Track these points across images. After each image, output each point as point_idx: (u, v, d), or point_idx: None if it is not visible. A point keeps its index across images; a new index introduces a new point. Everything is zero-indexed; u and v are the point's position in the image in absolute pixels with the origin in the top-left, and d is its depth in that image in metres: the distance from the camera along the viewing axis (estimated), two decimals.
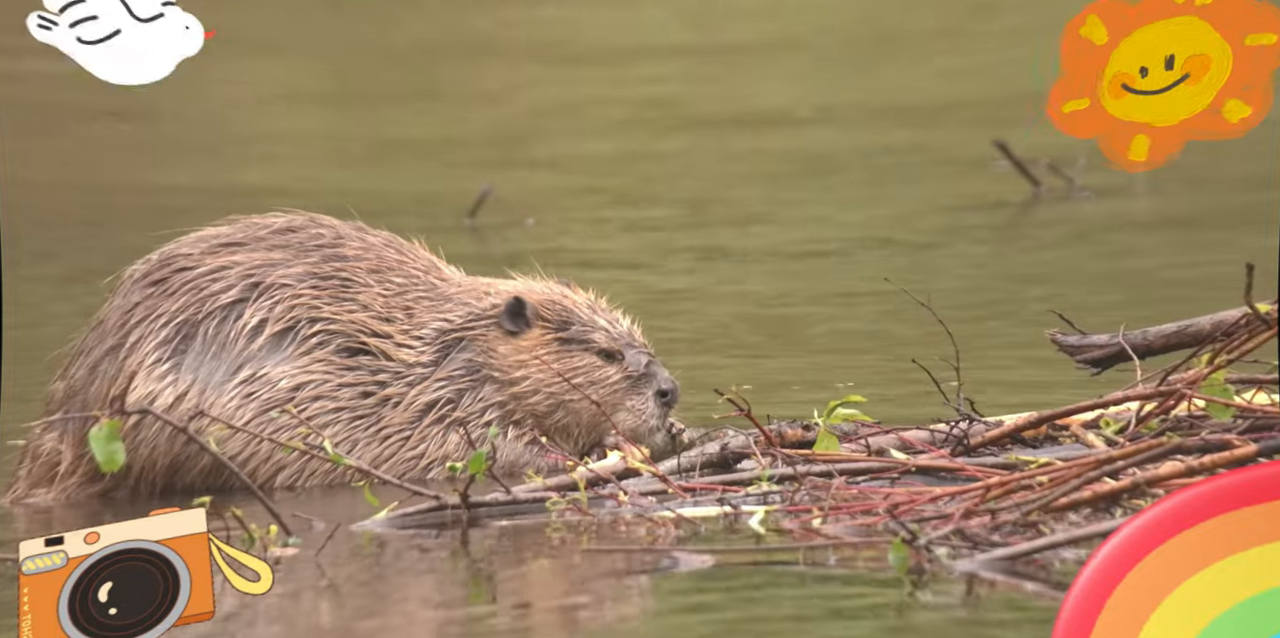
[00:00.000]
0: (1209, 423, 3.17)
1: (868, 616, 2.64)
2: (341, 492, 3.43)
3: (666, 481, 3.18)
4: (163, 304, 3.45)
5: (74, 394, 3.47)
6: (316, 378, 3.43)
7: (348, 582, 2.88)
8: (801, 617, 2.64)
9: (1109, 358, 3.50)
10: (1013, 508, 2.90)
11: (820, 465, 3.15)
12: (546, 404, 3.47)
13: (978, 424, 3.30)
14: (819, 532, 2.97)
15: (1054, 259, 5.58)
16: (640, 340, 3.55)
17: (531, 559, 2.95)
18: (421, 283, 3.54)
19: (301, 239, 3.53)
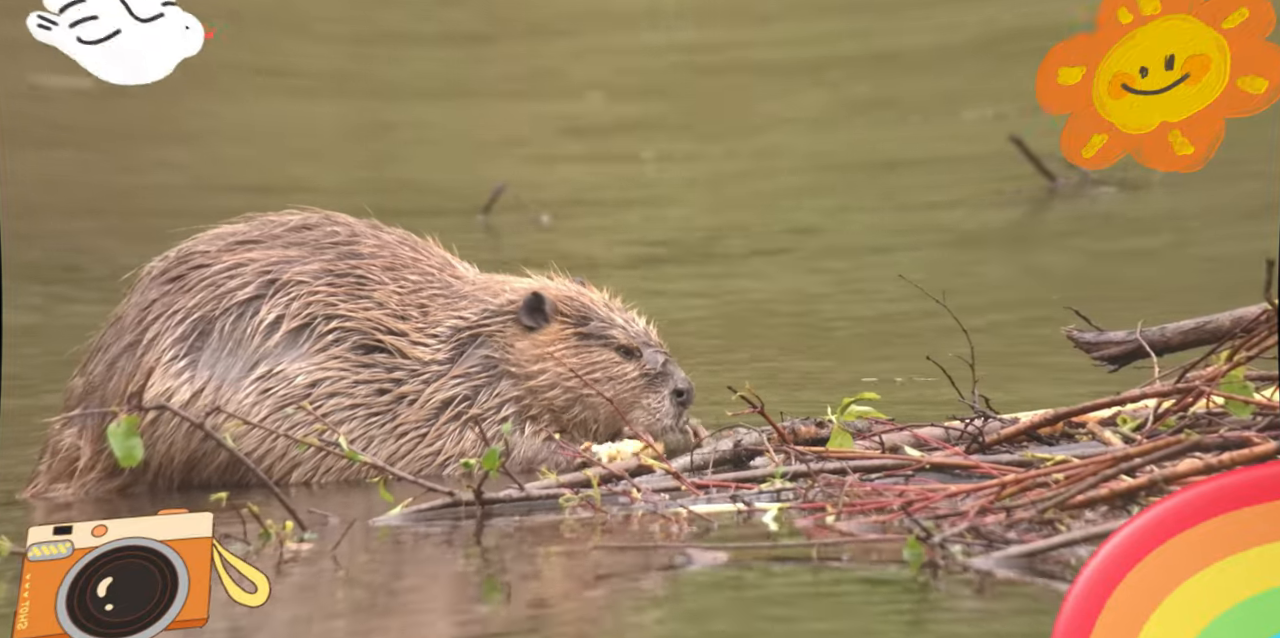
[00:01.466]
0: (1228, 420, 3.15)
1: (881, 613, 2.63)
2: (357, 488, 3.44)
3: (680, 477, 3.18)
4: (180, 301, 3.47)
5: (93, 390, 3.49)
6: (332, 375, 3.44)
7: (362, 577, 2.89)
8: (814, 614, 2.64)
9: (1126, 355, 3.48)
10: (1028, 506, 2.89)
11: (834, 463, 3.15)
12: (564, 399, 3.47)
13: (993, 421, 3.28)
14: (833, 529, 2.96)
15: (1070, 254, 5.55)
16: (656, 340, 3.56)
17: (544, 556, 2.95)
18: (436, 281, 3.54)
19: (317, 237, 3.54)
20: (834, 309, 4.99)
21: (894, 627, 2.59)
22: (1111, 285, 5.09)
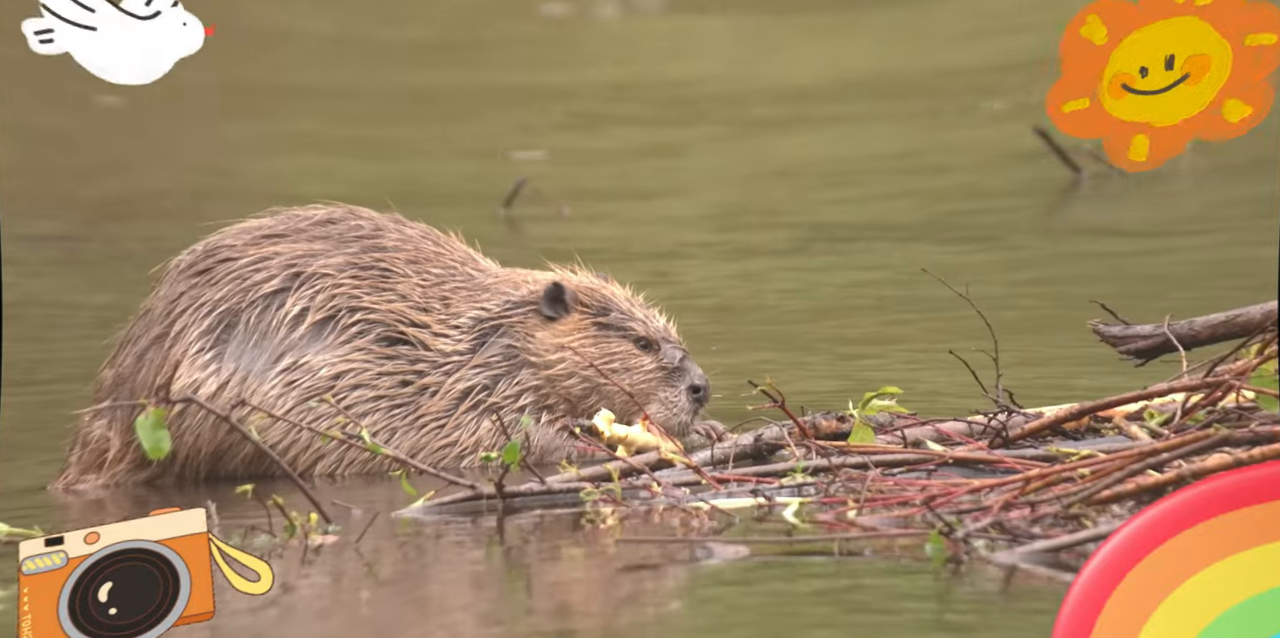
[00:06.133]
0: (1258, 415, 3.11)
1: (904, 607, 2.62)
2: (380, 480, 3.46)
3: (700, 472, 3.18)
4: (206, 294, 3.49)
5: (122, 382, 3.52)
6: (356, 367, 3.46)
7: (386, 569, 2.90)
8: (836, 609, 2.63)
9: (1153, 349, 3.44)
10: (1053, 501, 2.86)
11: (855, 457, 3.13)
12: (581, 388, 3.48)
13: (1017, 416, 3.26)
14: (854, 523, 2.95)
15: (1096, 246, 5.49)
16: (676, 337, 3.56)
17: (565, 549, 2.96)
18: (458, 273, 3.56)
19: (341, 230, 3.56)
20: (857, 301, 4.96)
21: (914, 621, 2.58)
22: (1138, 278, 5.04)
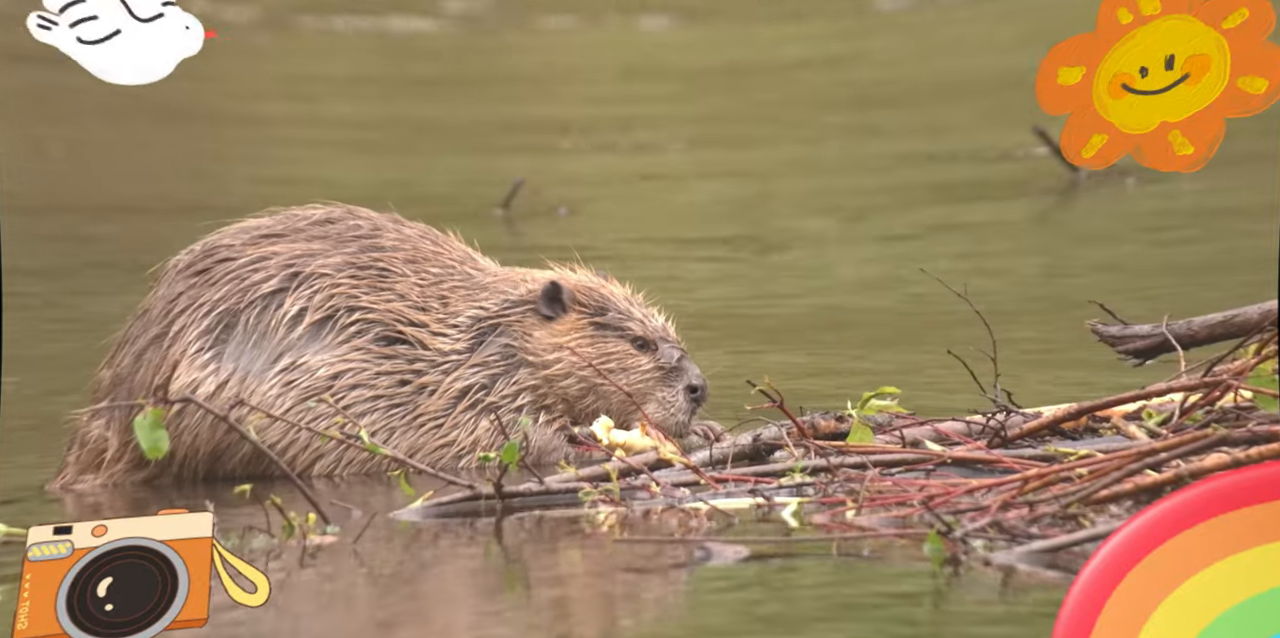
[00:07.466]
0: (1256, 415, 3.11)
1: (901, 608, 2.62)
2: (379, 480, 3.46)
3: (699, 472, 3.18)
4: (205, 294, 3.49)
5: (120, 382, 3.52)
6: (355, 366, 3.46)
7: (384, 569, 2.90)
8: (833, 609, 2.63)
9: (1152, 349, 3.44)
10: (1051, 500, 2.86)
11: (854, 457, 3.13)
12: (578, 388, 3.48)
13: (1015, 416, 3.26)
14: (853, 524, 2.95)
15: (1094, 247, 5.49)
16: (674, 337, 3.56)
17: (564, 549, 2.96)
18: (457, 273, 3.56)
19: (340, 230, 3.56)
20: (856, 301, 4.96)
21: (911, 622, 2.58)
22: (1136, 278, 5.04)
